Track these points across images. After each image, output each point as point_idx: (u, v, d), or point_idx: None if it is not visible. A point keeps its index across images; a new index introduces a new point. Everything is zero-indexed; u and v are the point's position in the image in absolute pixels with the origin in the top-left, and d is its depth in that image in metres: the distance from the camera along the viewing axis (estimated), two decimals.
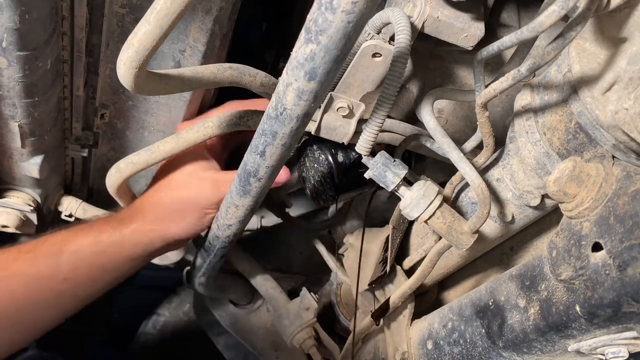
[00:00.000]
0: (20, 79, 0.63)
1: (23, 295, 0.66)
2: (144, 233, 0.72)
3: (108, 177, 0.74)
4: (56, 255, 0.68)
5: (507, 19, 0.67)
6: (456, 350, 0.61)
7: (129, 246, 0.72)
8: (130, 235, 0.71)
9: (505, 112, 0.72)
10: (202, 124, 0.67)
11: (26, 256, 0.67)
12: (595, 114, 0.42)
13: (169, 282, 1.59)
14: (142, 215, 0.73)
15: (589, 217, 0.45)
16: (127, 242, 0.71)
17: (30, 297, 0.67)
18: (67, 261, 0.68)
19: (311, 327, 0.91)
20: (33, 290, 0.67)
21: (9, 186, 0.86)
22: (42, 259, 0.67)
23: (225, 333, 1.14)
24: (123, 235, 0.71)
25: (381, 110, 0.54)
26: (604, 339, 0.45)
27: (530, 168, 0.53)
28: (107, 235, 0.70)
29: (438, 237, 0.65)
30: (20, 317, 0.67)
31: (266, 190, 0.61)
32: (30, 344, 1.21)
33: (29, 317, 0.68)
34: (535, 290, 0.51)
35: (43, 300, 0.68)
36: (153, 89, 0.51)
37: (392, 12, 0.53)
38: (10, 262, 0.67)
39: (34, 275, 0.67)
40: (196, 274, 0.87)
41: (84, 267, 0.69)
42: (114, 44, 0.70)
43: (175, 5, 0.43)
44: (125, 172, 0.71)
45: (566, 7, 0.36)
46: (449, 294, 0.82)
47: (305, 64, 0.39)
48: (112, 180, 0.73)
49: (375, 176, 0.56)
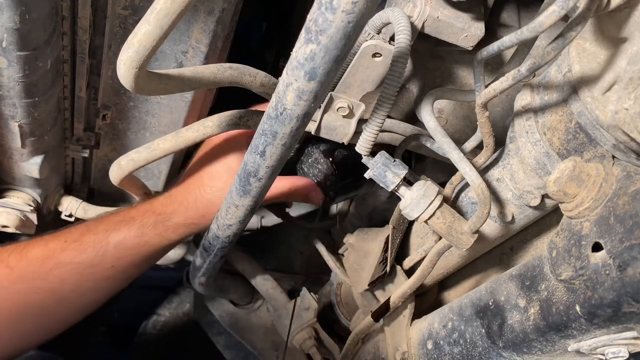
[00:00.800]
0: (20, 79, 0.63)
1: (73, 281, 0.72)
2: (186, 226, 0.75)
3: (110, 173, 0.74)
4: (103, 245, 0.72)
5: (507, 19, 0.67)
6: (456, 350, 0.61)
7: (171, 236, 0.76)
8: (173, 228, 0.75)
9: (505, 112, 0.72)
10: (202, 123, 0.67)
11: (73, 245, 0.72)
12: (595, 114, 0.42)
13: (169, 282, 1.59)
14: (184, 208, 0.75)
15: (589, 217, 0.45)
16: (169, 234, 0.75)
17: (80, 283, 0.73)
18: (113, 251, 0.73)
19: (311, 327, 0.91)
20: (83, 277, 0.72)
21: (9, 186, 0.86)
22: (90, 249, 0.72)
23: (225, 333, 1.14)
24: (166, 228, 0.74)
25: (381, 110, 0.54)
26: (604, 339, 0.45)
27: (530, 168, 0.53)
28: (150, 228, 0.74)
29: (438, 237, 0.65)
30: (72, 300, 0.74)
31: (266, 190, 0.61)
32: None
33: (77, 301, 0.75)
34: (535, 290, 0.51)
35: (92, 285, 0.74)
36: (153, 89, 0.51)
37: (392, 12, 0.53)
38: (59, 252, 0.72)
39: (83, 264, 0.72)
40: (196, 274, 0.87)
41: (128, 256, 0.74)
42: (116, 46, 0.70)
43: (175, 5, 0.43)
44: (126, 169, 0.71)
45: (566, 7, 0.36)
46: (449, 294, 0.82)
47: (305, 64, 0.39)
48: (113, 176, 0.74)
49: (375, 176, 0.56)
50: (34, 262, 0.71)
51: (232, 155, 0.74)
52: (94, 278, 0.73)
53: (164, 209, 0.74)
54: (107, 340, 1.63)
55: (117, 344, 1.60)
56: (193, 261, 0.87)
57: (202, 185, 0.74)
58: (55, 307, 0.74)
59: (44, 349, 1.23)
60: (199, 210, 0.74)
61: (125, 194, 0.88)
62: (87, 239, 0.73)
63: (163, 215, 0.74)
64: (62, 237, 0.73)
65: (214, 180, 0.74)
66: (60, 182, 0.95)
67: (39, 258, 0.71)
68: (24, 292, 0.70)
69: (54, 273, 0.71)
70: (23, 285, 0.70)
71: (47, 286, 0.71)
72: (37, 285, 0.71)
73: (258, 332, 1.13)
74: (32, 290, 0.71)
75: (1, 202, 0.85)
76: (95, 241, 0.72)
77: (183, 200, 0.75)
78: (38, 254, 0.72)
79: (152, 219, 0.74)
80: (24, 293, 0.70)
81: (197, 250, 0.83)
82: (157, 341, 1.52)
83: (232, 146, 0.74)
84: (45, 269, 0.71)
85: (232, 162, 0.74)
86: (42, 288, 0.71)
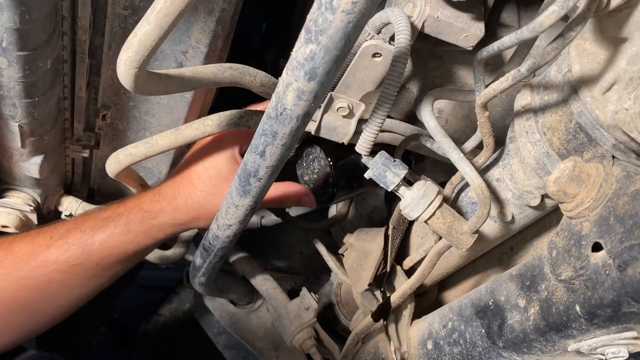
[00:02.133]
0: (20, 79, 0.63)
1: (60, 279, 0.72)
2: (173, 225, 0.75)
3: (107, 165, 0.74)
4: (89, 244, 0.72)
5: (507, 19, 0.67)
6: (456, 350, 0.61)
7: (157, 235, 0.75)
8: (159, 227, 0.74)
9: (505, 112, 0.72)
10: (202, 122, 0.67)
11: (59, 243, 0.72)
12: (595, 114, 0.42)
13: (169, 282, 1.59)
14: (172, 209, 0.73)
15: (589, 217, 0.45)
16: (155, 232, 0.74)
17: (66, 281, 0.73)
18: (98, 249, 0.73)
19: (311, 327, 0.91)
20: (68, 275, 0.72)
21: (9, 186, 0.86)
22: (75, 247, 0.72)
23: (225, 333, 1.14)
24: (152, 226, 0.74)
25: (381, 110, 0.54)
26: (604, 339, 0.45)
27: (530, 168, 0.53)
28: (136, 225, 0.73)
29: (438, 237, 0.65)
30: (60, 297, 0.74)
31: (266, 190, 0.61)
32: (30, 344, 1.21)
33: (65, 297, 0.75)
34: (535, 290, 0.51)
35: (79, 283, 0.74)
36: (153, 89, 0.51)
37: (392, 12, 0.53)
38: (44, 249, 0.71)
39: (68, 262, 0.72)
40: (196, 274, 0.87)
41: (113, 254, 0.74)
42: (116, 46, 0.71)
43: (175, 5, 0.43)
44: (124, 163, 0.71)
45: (566, 7, 0.36)
46: (449, 294, 0.82)
47: (305, 64, 0.39)
48: (110, 168, 0.73)
49: (375, 176, 0.56)
50: (19, 259, 0.71)
51: (221, 156, 0.73)
52: (80, 276, 0.73)
53: (152, 206, 0.73)
54: (107, 340, 1.63)
55: (117, 344, 1.60)
56: (193, 261, 0.87)
57: (192, 187, 0.73)
58: (43, 303, 0.74)
59: (44, 349, 1.23)
60: (189, 213, 0.73)
61: (125, 193, 0.88)
62: (73, 236, 0.72)
63: (150, 212, 0.73)
64: (48, 233, 0.73)
65: (204, 182, 0.73)
66: (60, 182, 0.95)
67: (25, 255, 0.71)
68: (11, 289, 0.70)
69: (39, 271, 0.71)
70: (9, 282, 0.70)
71: (33, 284, 0.71)
72: (23, 283, 0.70)
73: (258, 332, 1.13)
74: (19, 287, 0.70)
75: (1, 202, 0.85)
76: (81, 239, 0.72)
77: (172, 200, 0.73)
78: (23, 250, 0.71)
79: (139, 215, 0.73)
80: (11, 290, 0.70)
81: (197, 250, 0.83)
82: (157, 341, 1.52)
83: (222, 146, 0.73)
84: (31, 267, 0.71)
85: (221, 163, 0.72)
86: (28, 285, 0.71)
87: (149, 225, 0.73)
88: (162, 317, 1.55)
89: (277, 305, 0.97)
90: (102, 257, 0.73)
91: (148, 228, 0.73)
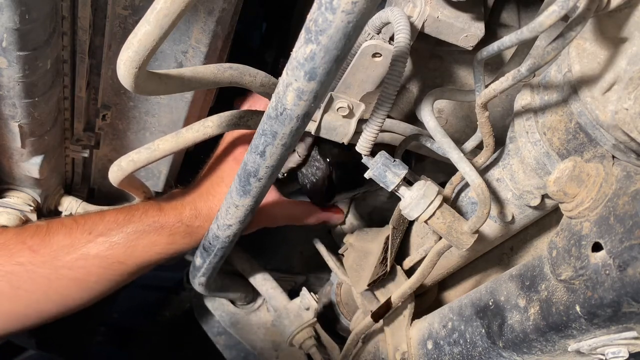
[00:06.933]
0: (20, 79, 0.63)
1: (99, 273, 0.76)
2: (194, 228, 0.79)
3: (110, 174, 0.74)
4: (131, 246, 0.76)
5: (507, 19, 0.67)
6: (456, 350, 0.61)
7: (195, 244, 0.81)
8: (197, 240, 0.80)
9: (505, 112, 0.72)
10: (202, 123, 0.67)
11: (99, 240, 0.75)
12: (595, 114, 0.42)
13: (169, 282, 1.59)
14: (195, 215, 0.79)
15: (589, 217, 0.45)
16: (194, 243, 0.81)
17: (105, 276, 0.76)
18: (141, 253, 0.77)
19: (311, 327, 0.91)
20: (109, 270, 0.76)
21: (9, 186, 0.86)
22: (118, 247, 0.75)
23: (225, 333, 1.14)
24: (193, 240, 0.80)
25: (381, 110, 0.54)
26: (604, 339, 0.45)
27: (530, 168, 0.53)
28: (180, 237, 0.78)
29: (438, 237, 0.65)
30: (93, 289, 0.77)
31: (266, 190, 0.61)
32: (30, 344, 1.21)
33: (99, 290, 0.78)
34: (535, 290, 0.51)
35: (115, 279, 0.77)
36: (153, 89, 0.51)
37: (392, 12, 0.53)
38: (84, 244, 0.74)
39: (110, 259, 0.75)
40: (196, 274, 0.88)
41: (154, 260, 0.79)
42: (116, 46, 0.70)
43: (176, 5, 0.43)
44: (127, 170, 0.71)
45: (566, 7, 0.36)
46: (449, 294, 0.82)
47: (305, 64, 0.39)
48: (113, 177, 0.74)
49: (375, 176, 0.56)
50: (58, 250, 0.73)
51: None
52: (119, 273, 0.77)
53: (192, 222, 0.79)
54: (107, 340, 1.63)
55: (117, 344, 1.60)
56: (193, 261, 0.87)
57: (217, 193, 0.79)
58: (79, 293, 0.76)
59: (44, 349, 1.23)
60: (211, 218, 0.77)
61: (124, 193, 0.88)
62: (116, 235, 0.75)
63: (191, 227, 0.78)
64: (86, 227, 0.75)
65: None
66: (60, 182, 0.95)
67: (64, 246, 0.73)
68: (49, 276, 0.73)
69: (79, 263, 0.73)
70: (47, 270, 0.72)
71: (71, 275, 0.73)
72: (61, 273, 0.73)
73: (258, 332, 1.13)
74: (57, 276, 0.73)
75: (1, 202, 0.85)
76: (124, 239, 0.75)
77: (207, 217, 0.78)
78: (62, 241, 0.73)
79: (182, 229, 0.78)
80: (49, 277, 0.73)
81: (197, 250, 0.83)
82: (157, 341, 1.52)
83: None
84: (71, 258, 0.73)
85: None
86: (66, 276, 0.73)
87: (190, 238, 0.79)
88: (162, 317, 1.55)
89: (277, 305, 0.97)
90: (144, 259, 0.77)
91: (189, 240, 0.79)
